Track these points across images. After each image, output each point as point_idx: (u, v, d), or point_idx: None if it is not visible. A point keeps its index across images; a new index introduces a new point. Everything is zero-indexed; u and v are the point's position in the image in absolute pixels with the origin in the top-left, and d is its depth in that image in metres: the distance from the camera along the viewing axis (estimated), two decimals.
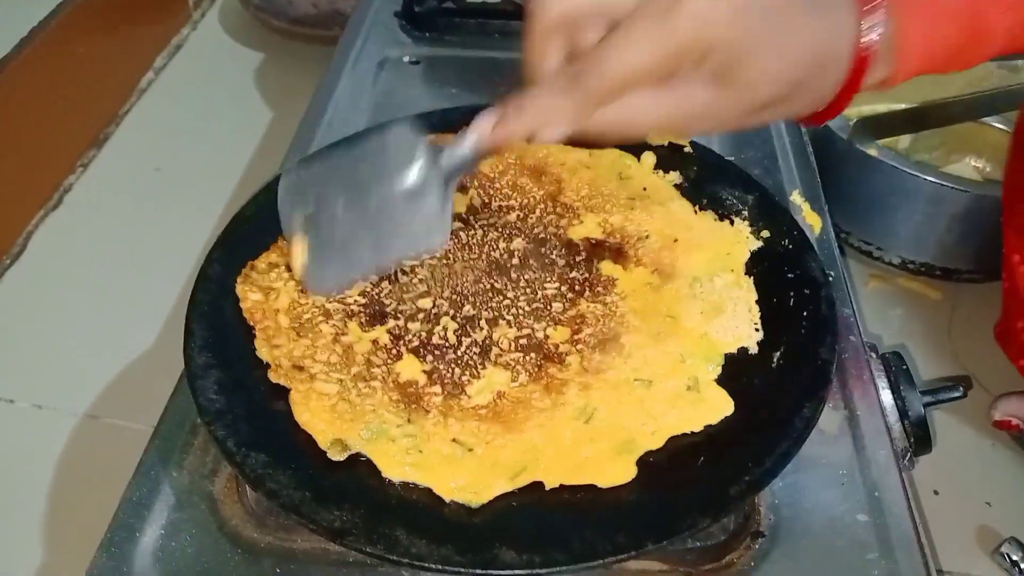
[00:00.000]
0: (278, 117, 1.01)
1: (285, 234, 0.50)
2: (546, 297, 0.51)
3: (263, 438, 0.43)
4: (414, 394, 0.45)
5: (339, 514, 0.40)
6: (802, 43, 0.38)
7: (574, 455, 0.43)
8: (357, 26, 0.82)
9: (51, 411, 0.72)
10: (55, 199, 0.90)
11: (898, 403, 0.51)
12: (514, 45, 0.78)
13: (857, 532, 0.45)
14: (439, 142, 0.45)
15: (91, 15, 0.93)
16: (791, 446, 0.43)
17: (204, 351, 0.47)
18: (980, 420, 0.70)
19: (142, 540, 0.45)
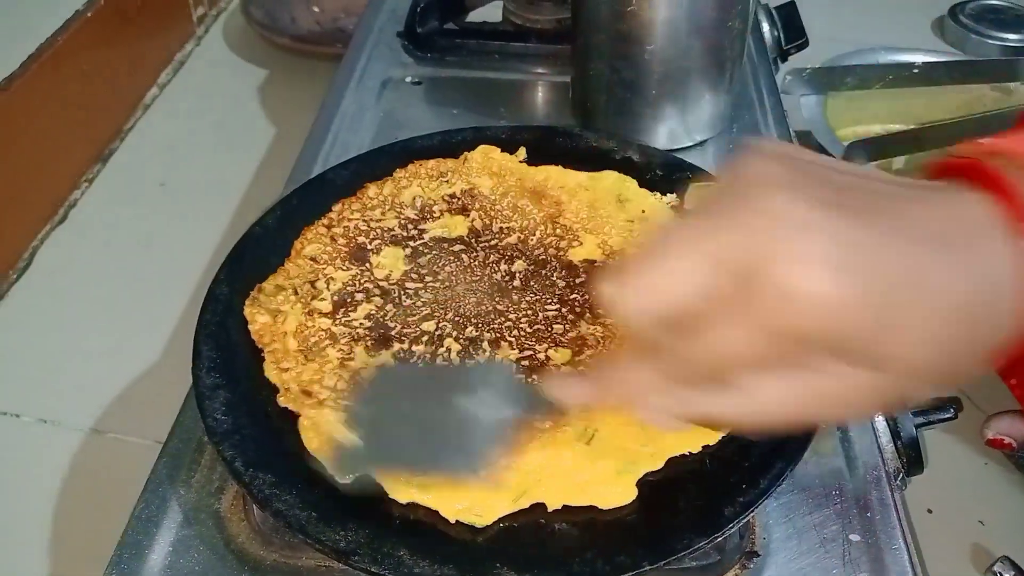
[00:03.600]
0: (281, 133, 1.02)
1: None
2: (547, 319, 0.52)
3: (270, 458, 0.44)
4: None
5: (344, 534, 0.41)
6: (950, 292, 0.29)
7: (575, 477, 0.44)
8: (360, 46, 0.83)
9: (56, 426, 0.73)
10: (60, 214, 0.91)
11: (890, 424, 0.52)
12: (513, 66, 0.80)
13: (850, 552, 0.46)
14: None
15: (96, 32, 0.94)
16: (785, 467, 0.44)
17: (212, 371, 0.48)
18: (973, 439, 0.71)
19: (150, 557, 0.46)
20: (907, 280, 0.29)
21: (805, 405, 0.32)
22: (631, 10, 0.63)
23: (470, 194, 0.60)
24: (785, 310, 0.29)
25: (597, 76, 0.69)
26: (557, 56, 0.79)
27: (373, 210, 0.58)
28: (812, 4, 0.91)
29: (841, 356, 0.30)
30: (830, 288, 0.28)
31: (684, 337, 0.31)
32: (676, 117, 0.69)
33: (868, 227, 0.29)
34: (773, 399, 0.32)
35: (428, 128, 0.66)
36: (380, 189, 0.60)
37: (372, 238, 0.56)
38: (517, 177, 0.61)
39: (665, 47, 0.65)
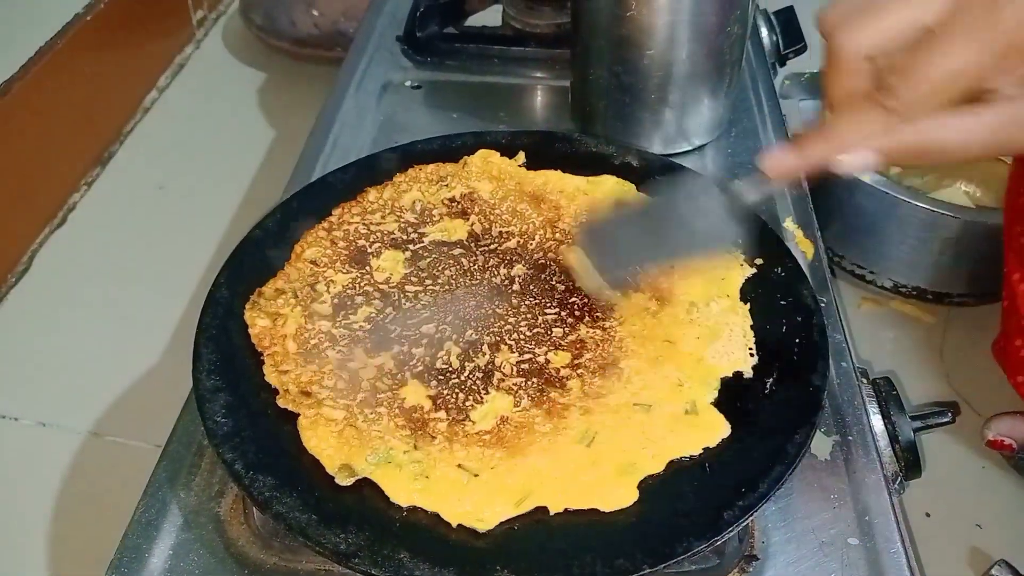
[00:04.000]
0: (280, 136, 1.02)
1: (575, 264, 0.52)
2: (546, 322, 0.52)
3: (270, 461, 0.45)
4: (419, 420, 0.46)
5: (345, 536, 0.41)
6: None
7: (577, 479, 0.44)
8: (360, 50, 0.83)
9: (55, 429, 0.73)
10: (60, 217, 0.91)
11: (888, 428, 0.52)
12: (512, 71, 0.80)
13: (848, 555, 0.46)
14: None
15: (96, 35, 0.94)
16: (784, 471, 0.44)
17: (212, 375, 0.48)
18: (972, 442, 0.71)
19: (150, 561, 0.46)
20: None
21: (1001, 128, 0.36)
22: (630, 15, 0.63)
23: (470, 198, 0.60)
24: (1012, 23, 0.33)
25: (596, 80, 0.69)
26: (556, 60, 0.80)
27: (373, 214, 0.58)
28: (811, 9, 0.91)
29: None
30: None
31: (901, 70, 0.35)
32: (675, 121, 0.69)
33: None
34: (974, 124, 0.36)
35: (428, 132, 0.66)
36: (380, 193, 0.60)
37: (372, 241, 0.56)
38: (516, 181, 0.61)
39: (664, 52, 0.65)
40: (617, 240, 0.50)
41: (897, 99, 0.36)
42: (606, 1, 0.64)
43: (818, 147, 0.40)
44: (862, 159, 0.38)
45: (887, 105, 0.36)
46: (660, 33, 0.64)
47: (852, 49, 0.36)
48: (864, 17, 0.36)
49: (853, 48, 0.36)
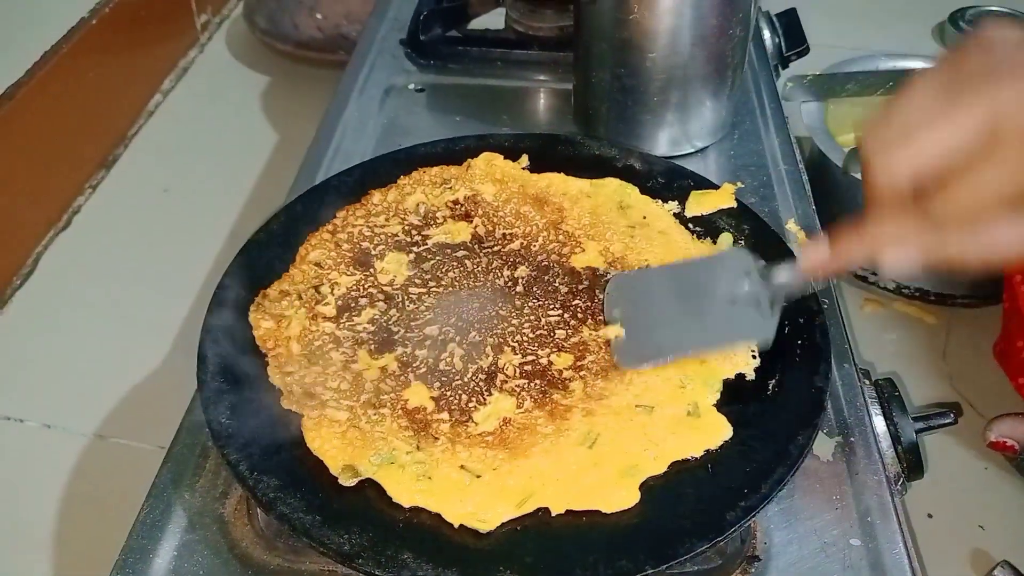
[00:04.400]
0: (284, 139, 1.02)
1: (606, 319, 0.52)
2: (549, 324, 0.52)
3: (274, 462, 0.45)
4: (422, 421, 0.47)
5: (348, 537, 0.42)
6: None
7: (579, 481, 0.44)
8: (363, 54, 0.84)
9: (60, 431, 0.73)
10: (64, 220, 0.91)
11: (891, 429, 0.52)
12: (515, 74, 0.80)
13: (851, 556, 0.46)
14: None
15: (101, 39, 0.94)
16: (786, 472, 0.44)
17: (217, 376, 0.49)
18: (974, 443, 0.71)
19: (155, 562, 0.46)
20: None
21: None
22: (633, 18, 0.64)
23: (473, 200, 0.60)
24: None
25: (599, 83, 0.69)
26: (559, 63, 0.80)
27: (377, 216, 0.59)
28: (813, 11, 0.91)
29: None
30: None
31: (939, 187, 0.36)
32: (677, 124, 0.70)
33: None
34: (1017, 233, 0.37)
35: (431, 135, 0.67)
36: (384, 195, 0.60)
37: (376, 244, 0.57)
38: (520, 184, 0.61)
39: (667, 55, 0.65)
40: (649, 311, 0.50)
41: (935, 215, 0.37)
42: (608, 4, 0.64)
43: (856, 248, 0.41)
44: (906, 261, 0.39)
45: (926, 221, 0.37)
46: (662, 36, 0.64)
47: (889, 178, 0.37)
48: (902, 144, 0.36)
49: (890, 177, 0.37)
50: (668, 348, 0.49)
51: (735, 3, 0.64)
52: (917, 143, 0.36)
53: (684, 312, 0.50)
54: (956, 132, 0.35)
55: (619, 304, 0.52)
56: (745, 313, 0.47)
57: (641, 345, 0.50)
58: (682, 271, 0.52)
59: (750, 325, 0.47)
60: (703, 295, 0.49)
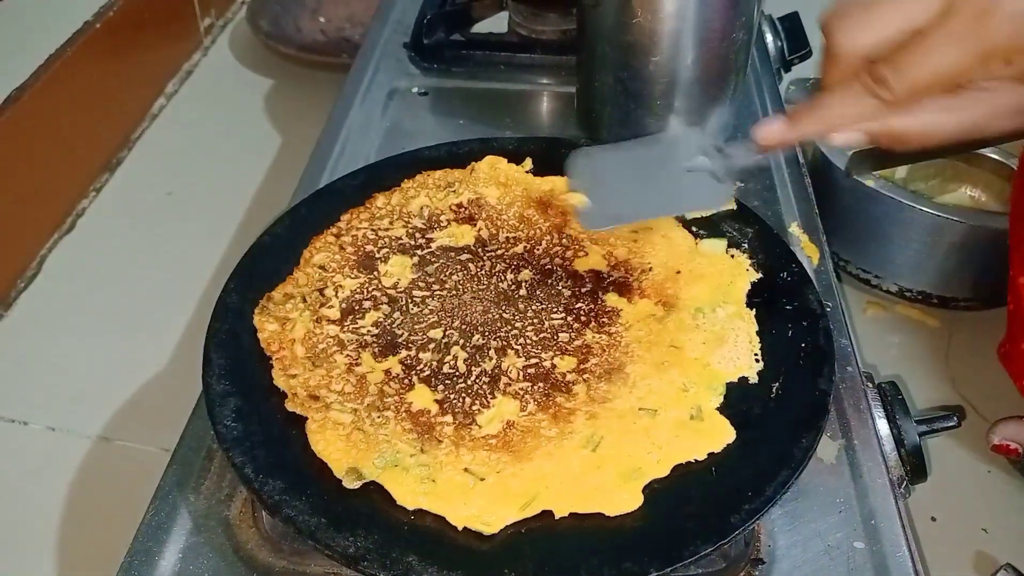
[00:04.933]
0: (287, 142, 1.03)
1: (569, 188, 0.55)
2: (553, 327, 0.52)
3: (280, 465, 0.45)
4: (426, 423, 0.47)
5: (353, 540, 0.42)
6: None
7: (582, 484, 0.44)
8: (367, 57, 0.84)
9: (64, 433, 0.73)
10: (68, 223, 0.92)
11: (894, 432, 0.52)
12: (518, 77, 0.81)
13: (854, 559, 0.46)
14: None
15: (105, 42, 0.95)
16: (789, 475, 0.44)
17: (222, 379, 0.49)
18: (977, 447, 0.71)
19: (160, 564, 0.46)
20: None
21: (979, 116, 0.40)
22: (636, 22, 0.64)
23: (477, 204, 0.60)
24: (998, 24, 0.36)
25: (602, 87, 0.70)
26: (562, 67, 0.80)
27: (381, 219, 0.59)
28: (816, 14, 0.91)
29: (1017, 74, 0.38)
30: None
31: (892, 62, 0.38)
32: (680, 128, 0.70)
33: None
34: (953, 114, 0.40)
35: (434, 138, 0.67)
36: (388, 199, 0.60)
37: (380, 247, 0.57)
38: (523, 187, 0.61)
39: (670, 58, 0.65)
40: (611, 181, 0.52)
41: (887, 90, 0.39)
42: (611, 8, 0.64)
43: (810, 122, 0.43)
44: (851, 138, 0.42)
45: (878, 94, 0.40)
46: (665, 40, 0.64)
47: (849, 48, 0.40)
48: (861, 18, 0.39)
49: (850, 47, 0.40)
50: (629, 212, 0.52)
51: (738, 7, 0.64)
52: (878, 13, 0.38)
53: (644, 181, 0.51)
54: (912, 5, 0.38)
55: (582, 176, 0.54)
56: (702, 182, 0.50)
57: (604, 210, 0.52)
58: (641, 147, 0.54)
59: (708, 193, 0.50)
60: (662, 167, 0.51)
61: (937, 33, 0.38)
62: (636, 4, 0.63)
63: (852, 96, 0.41)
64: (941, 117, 0.41)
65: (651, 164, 0.52)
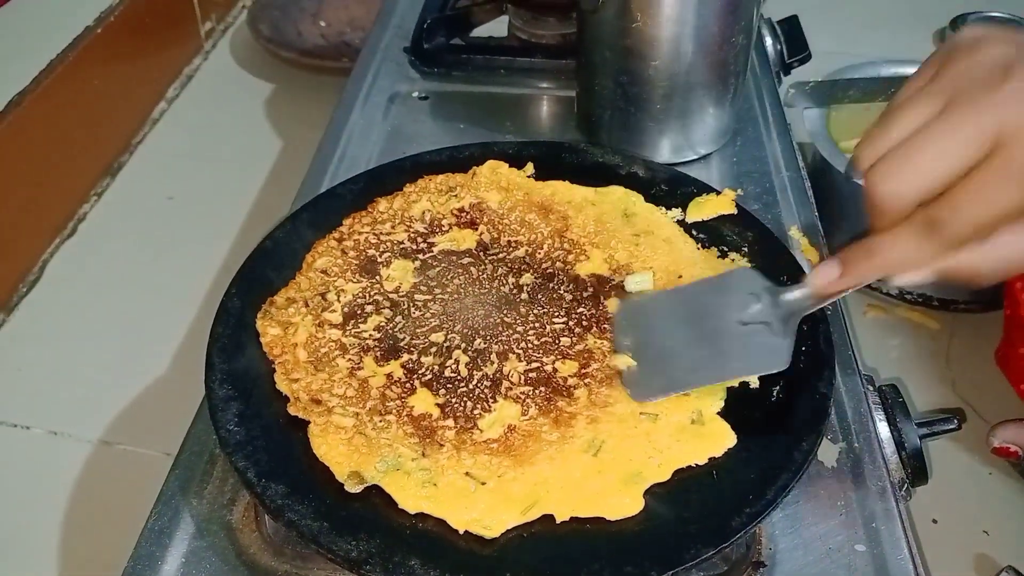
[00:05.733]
0: (288, 146, 1.03)
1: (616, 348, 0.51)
2: (554, 331, 0.52)
3: (282, 469, 0.45)
4: (428, 428, 0.47)
5: (356, 544, 0.42)
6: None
7: (583, 488, 0.44)
8: (368, 62, 0.84)
9: (66, 437, 0.73)
10: (70, 227, 0.92)
11: (895, 435, 0.53)
12: (519, 81, 0.81)
13: (856, 562, 0.46)
14: None
15: (106, 47, 0.95)
16: (790, 479, 0.44)
17: (224, 383, 0.49)
18: (978, 449, 0.71)
19: (163, 569, 0.46)
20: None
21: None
22: (636, 26, 0.64)
23: (478, 208, 0.60)
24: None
25: (602, 91, 0.70)
26: (562, 71, 0.80)
27: (383, 224, 0.59)
28: (814, 18, 0.92)
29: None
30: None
31: (945, 203, 0.35)
32: (680, 131, 0.70)
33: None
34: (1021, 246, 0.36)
35: (435, 143, 0.67)
36: (390, 203, 0.60)
37: (382, 251, 0.57)
38: (525, 192, 0.62)
39: (669, 62, 0.66)
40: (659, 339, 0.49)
41: (946, 232, 0.36)
42: (611, 13, 0.65)
43: (866, 268, 0.41)
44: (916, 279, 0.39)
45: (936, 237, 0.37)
46: (665, 44, 0.65)
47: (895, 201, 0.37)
48: (903, 167, 0.36)
49: (896, 199, 0.37)
50: (682, 380, 0.48)
51: (737, 11, 0.64)
52: (920, 163, 0.35)
53: (696, 339, 0.48)
54: (959, 147, 0.35)
55: (629, 332, 0.51)
56: (758, 338, 0.46)
57: (654, 376, 0.49)
58: (690, 294, 0.51)
59: (765, 352, 0.46)
60: (713, 319, 0.48)
61: (991, 170, 0.34)
62: (635, 9, 0.63)
63: (909, 239, 0.37)
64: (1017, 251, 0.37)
65: (703, 316, 0.48)
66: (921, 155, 0.35)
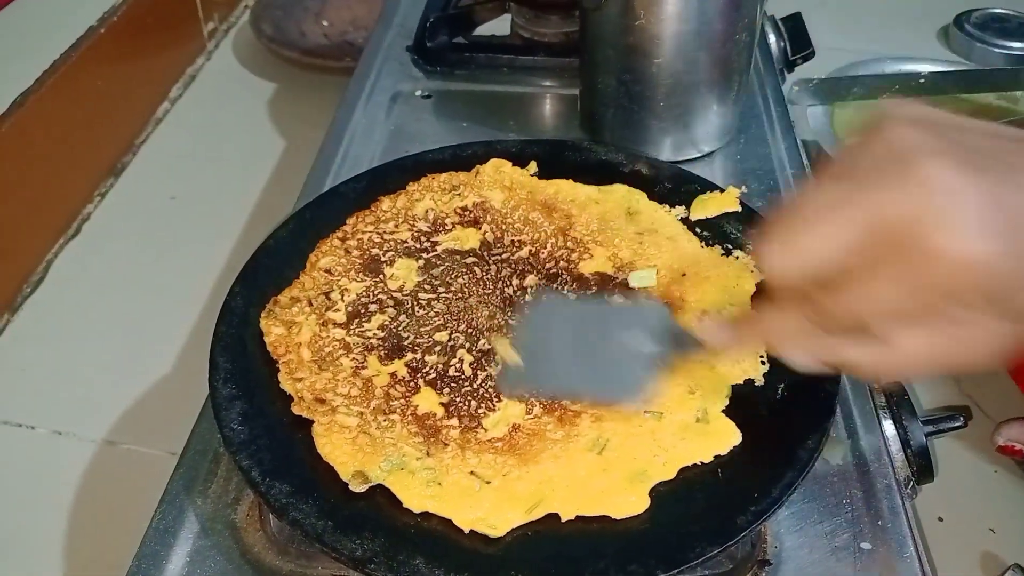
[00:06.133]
0: (291, 145, 1.03)
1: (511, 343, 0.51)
2: None
3: (286, 468, 0.45)
4: (432, 427, 0.47)
5: (360, 543, 0.42)
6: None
7: (588, 486, 0.44)
8: (370, 61, 0.84)
9: (70, 437, 0.73)
10: (74, 228, 0.92)
11: (900, 433, 0.52)
12: (521, 80, 0.81)
13: (861, 560, 0.46)
14: None
15: (109, 47, 0.95)
16: (796, 476, 0.44)
17: (228, 383, 0.49)
18: (983, 447, 0.71)
19: (168, 568, 0.46)
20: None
21: (941, 353, 0.35)
22: (639, 24, 0.64)
23: (482, 207, 0.60)
24: (937, 269, 0.31)
25: (605, 89, 0.70)
26: (565, 69, 0.80)
27: (387, 223, 0.59)
28: (818, 15, 0.91)
29: (982, 309, 0.32)
30: (981, 248, 0.30)
31: (831, 292, 0.34)
32: (683, 129, 0.70)
33: (1013, 190, 0.31)
34: (912, 349, 0.34)
35: (438, 142, 0.67)
36: (394, 202, 0.60)
37: (386, 250, 0.57)
38: (528, 190, 0.62)
39: (673, 60, 0.65)
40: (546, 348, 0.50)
41: (826, 320, 0.36)
42: (614, 11, 0.65)
43: (750, 335, 0.42)
44: (806, 362, 0.39)
45: (813, 321, 0.36)
46: (668, 42, 0.64)
47: (779, 275, 0.36)
48: (787, 245, 0.35)
49: (779, 274, 0.36)
50: (545, 386, 0.48)
51: (741, 8, 0.64)
52: (799, 245, 0.34)
53: (577, 354, 0.49)
54: (834, 237, 0.33)
55: (526, 327, 0.51)
56: (630, 372, 0.47)
57: (525, 374, 0.49)
58: (597, 312, 0.52)
59: (627, 385, 0.47)
60: (603, 341, 0.49)
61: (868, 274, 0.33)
62: (638, 7, 0.63)
63: (791, 320, 0.37)
64: (905, 353, 0.35)
65: (596, 334, 0.49)
66: (801, 236, 0.34)
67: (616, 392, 0.48)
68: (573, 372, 0.48)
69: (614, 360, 0.48)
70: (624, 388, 0.47)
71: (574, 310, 0.53)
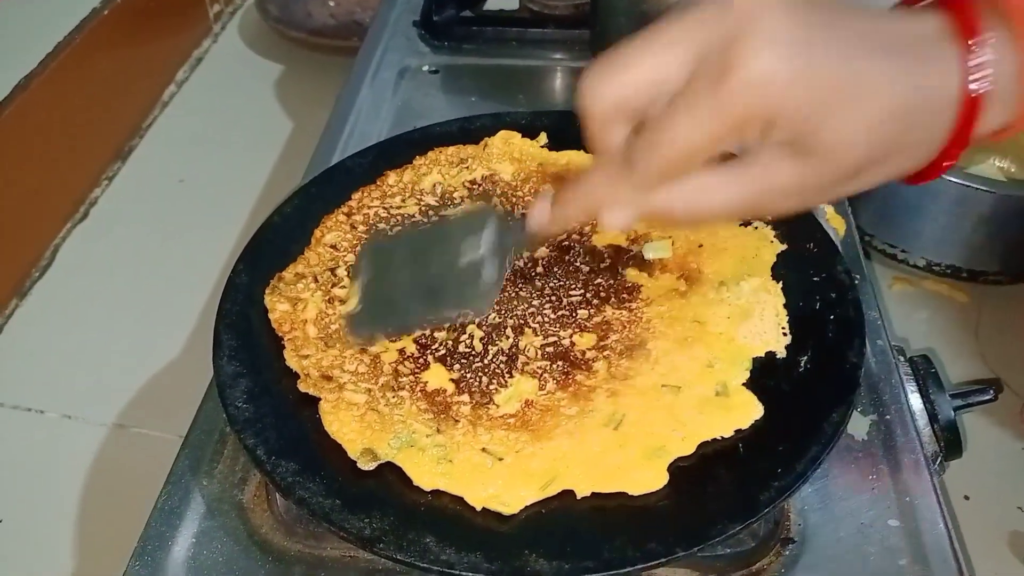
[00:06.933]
0: (298, 127, 1.01)
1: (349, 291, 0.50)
2: (571, 304, 0.51)
3: (292, 446, 0.44)
4: (442, 403, 0.45)
5: (369, 521, 0.41)
6: (887, 96, 0.32)
7: (604, 462, 0.43)
8: (377, 36, 0.83)
9: (80, 421, 0.73)
10: (81, 212, 0.91)
11: (927, 407, 0.51)
12: (531, 53, 0.79)
13: (888, 538, 0.44)
14: None
15: (115, 30, 0.94)
16: (820, 451, 0.43)
17: (233, 360, 0.48)
18: (1011, 423, 0.69)
19: (174, 548, 0.45)
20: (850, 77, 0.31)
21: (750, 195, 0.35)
22: None
23: (491, 180, 0.59)
24: (742, 88, 0.31)
25: None
26: (575, 42, 0.78)
27: (393, 197, 0.57)
28: None
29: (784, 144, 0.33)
30: (783, 65, 0.31)
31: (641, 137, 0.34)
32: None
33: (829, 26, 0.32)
34: (723, 191, 0.35)
35: (446, 117, 0.65)
36: (400, 176, 0.59)
37: (392, 225, 0.56)
38: (538, 162, 0.60)
39: None
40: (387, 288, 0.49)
41: (640, 169, 0.34)
42: None
43: (573, 206, 0.38)
44: (619, 220, 0.37)
45: (633, 171, 0.34)
46: None
47: (595, 102, 0.34)
48: (609, 70, 0.34)
49: (596, 101, 0.34)
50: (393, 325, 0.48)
51: None
52: (621, 71, 0.33)
53: (416, 283, 0.48)
54: (652, 66, 0.32)
55: (366, 271, 0.50)
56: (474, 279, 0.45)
57: (370, 318, 0.48)
58: (430, 235, 0.51)
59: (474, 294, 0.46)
60: (437, 262, 0.47)
61: (681, 100, 0.32)
62: None
63: (609, 174, 0.36)
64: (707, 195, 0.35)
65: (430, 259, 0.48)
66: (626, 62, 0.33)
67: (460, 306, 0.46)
68: (413, 302, 0.47)
69: (453, 277, 0.46)
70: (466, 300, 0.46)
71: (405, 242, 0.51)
